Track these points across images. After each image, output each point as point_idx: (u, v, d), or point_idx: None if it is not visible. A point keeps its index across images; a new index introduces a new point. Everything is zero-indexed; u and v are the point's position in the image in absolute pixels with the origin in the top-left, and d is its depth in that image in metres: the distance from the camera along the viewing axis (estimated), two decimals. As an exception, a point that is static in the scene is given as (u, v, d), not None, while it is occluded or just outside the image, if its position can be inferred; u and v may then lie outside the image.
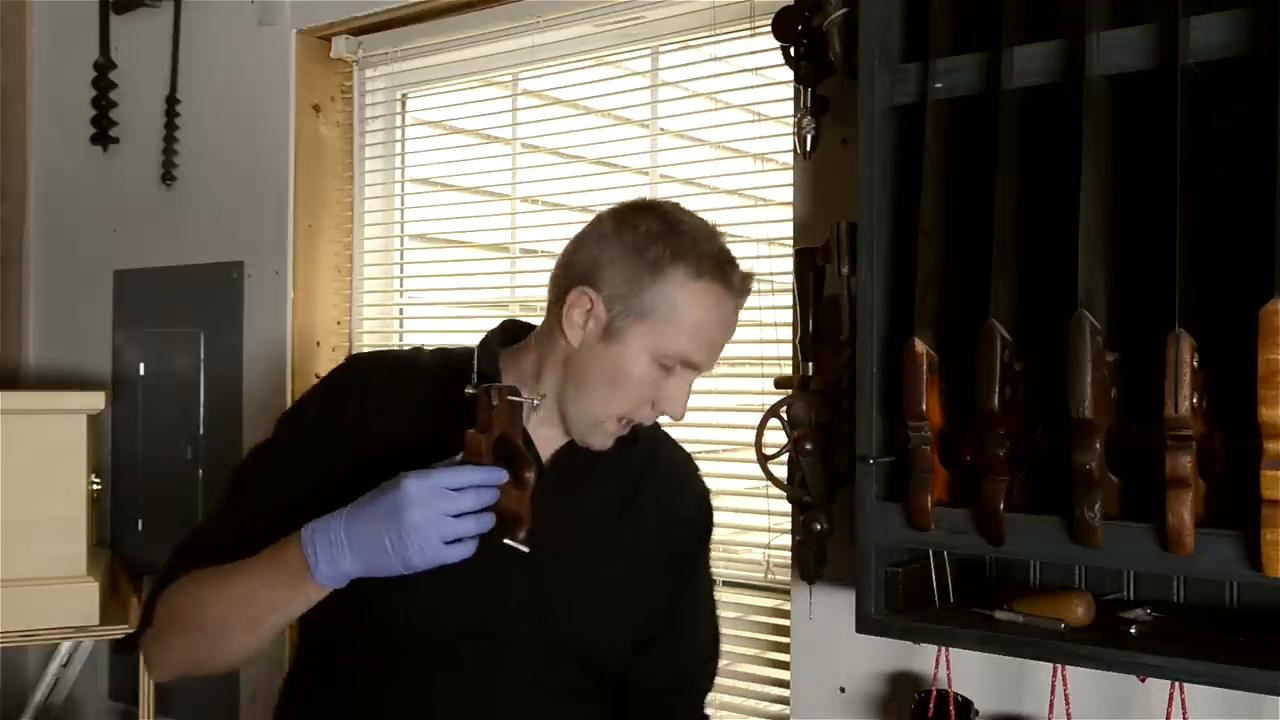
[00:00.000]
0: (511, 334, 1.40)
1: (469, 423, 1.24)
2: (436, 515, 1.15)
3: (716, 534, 1.55)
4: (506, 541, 1.23)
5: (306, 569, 1.18)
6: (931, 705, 1.54)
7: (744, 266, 1.32)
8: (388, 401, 1.33)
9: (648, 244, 1.26)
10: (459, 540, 1.17)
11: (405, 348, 1.44)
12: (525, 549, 1.22)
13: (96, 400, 2.28)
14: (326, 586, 1.19)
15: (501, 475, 1.20)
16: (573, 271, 1.29)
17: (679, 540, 1.44)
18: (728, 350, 1.94)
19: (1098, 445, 1.20)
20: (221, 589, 1.24)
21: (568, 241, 1.35)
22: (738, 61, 1.94)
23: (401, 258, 2.48)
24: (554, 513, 1.28)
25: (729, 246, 1.31)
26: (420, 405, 1.33)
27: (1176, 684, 1.34)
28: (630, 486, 1.40)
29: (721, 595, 1.95)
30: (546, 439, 1.34)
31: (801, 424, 1.57)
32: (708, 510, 1.50)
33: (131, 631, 1.35)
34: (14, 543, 2.15)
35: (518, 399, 1.24)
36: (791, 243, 1.78)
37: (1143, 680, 1.41)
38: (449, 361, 1.37)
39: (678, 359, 1.27)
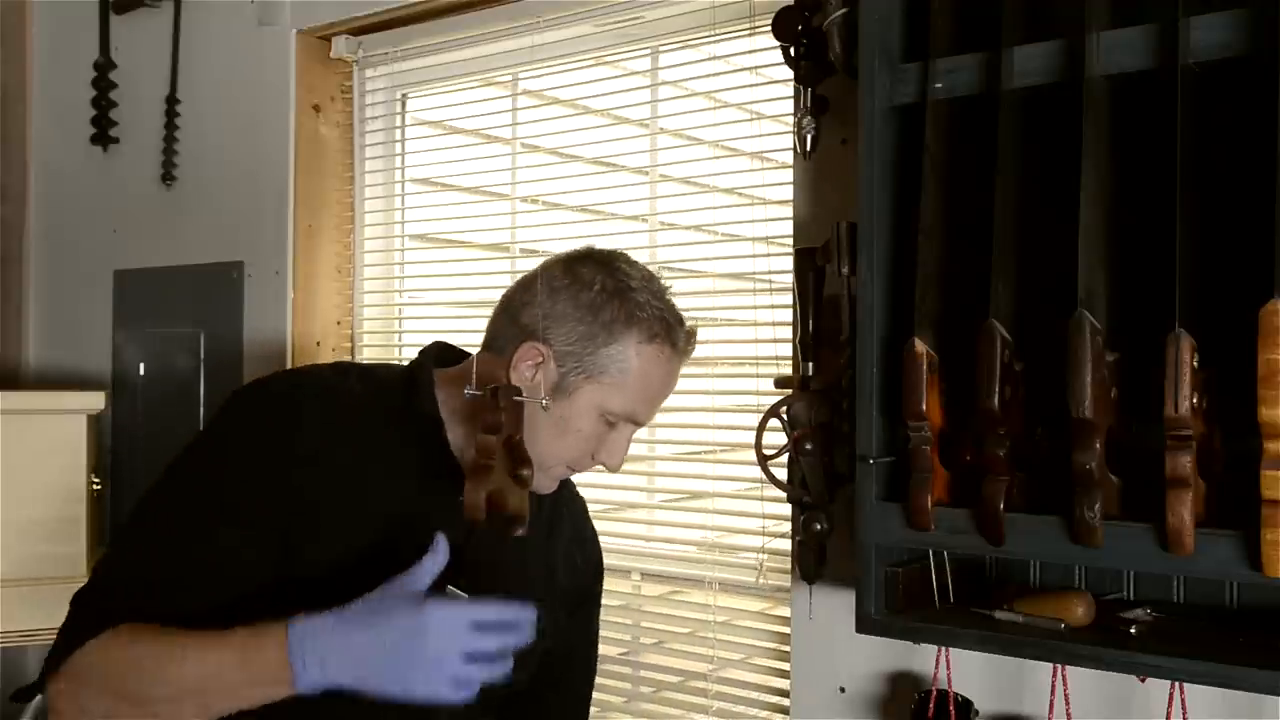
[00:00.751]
0: (443, 359, 1.38)
1: (434, 453, 1.25)
2: (456, 652, 1.11)
3: (714, 535, 1.57)
4: (449, 588, 1.23)
5: (288, 671, 1.10)
6: (931, 705, 1.54)
7: (688, 323, 1.35)
8: (338, 433, 1.27)
9: (602, 304, 1.28)
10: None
11: (324, 365, 1.39)
12: (465, 596, 1.22)
13: (96, 400, 2.29)
14: (302, 693, 1.11)
15: (531, 614, 1.17)
16: (523, 323, 1.29)
17: (583, 584, 1.50)
18: (728, 350, 1.96)
19: (1098, 445, 1.20)
20: (170, 666, 1.13)
21: (512, 286, 1.35)
22: (737, 61, 1.94)
23: (402, 258, 2.48)
24: (489, 558, 1.30)
25: (677, 306, 1.34)
26: (375, 436, 1.28)
27: (1176, 684, 1.34)
28: (546, 529, 1.43)
29: (721, 597, 1.95)
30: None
31: (801, 424, 1.57)
32: (600, 553, 1.55)
33: (31, 683, 1.21)
34: (14, 543, 2.15)
35: (523, 399, 1.25)
36: (791, 243, 1.78)
37: (1143, 680, 1.41)
38: (393, 386, 1.33)
39: (623, 416, 1.31)
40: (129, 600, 1.19)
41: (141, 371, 2.72)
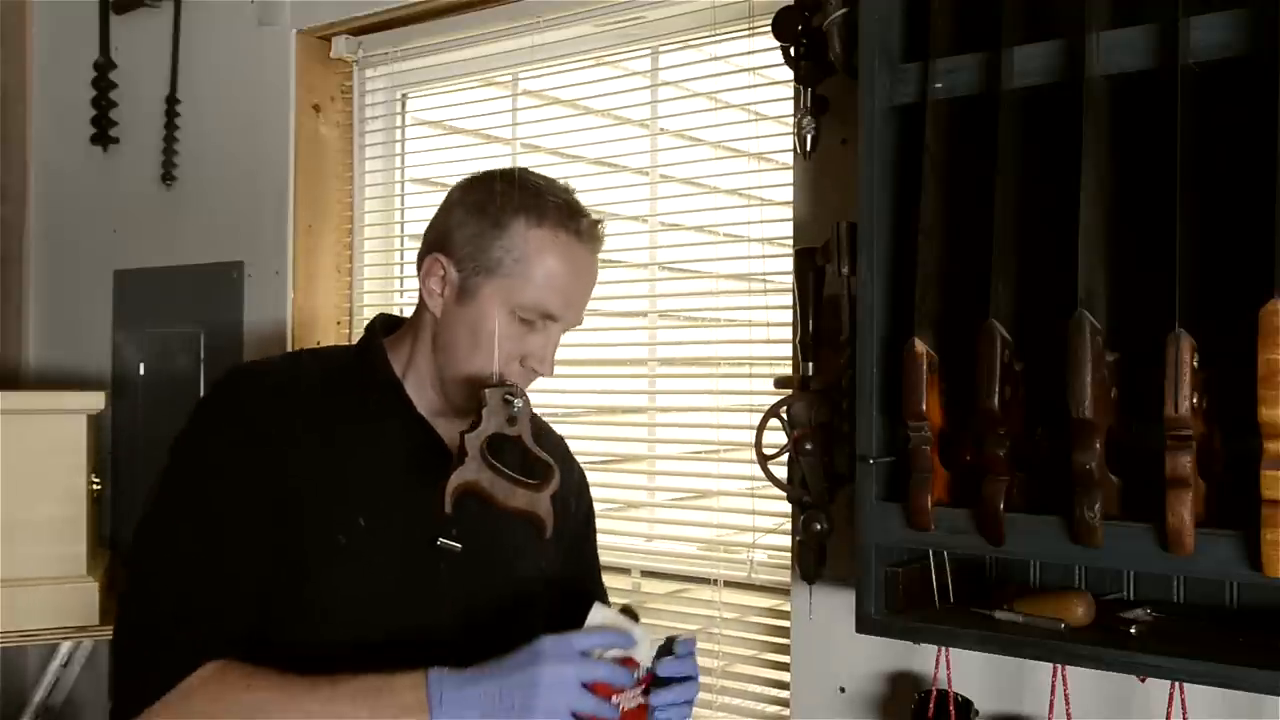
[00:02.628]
0: (389, 326, 1.43)
1: (404, 417, 1.29)
2: (569, 678, 1.16)
3: (715, 534, 1.56)
4: (441, 541, 1.27)
5: (425, 712, 1.15)
6: (931, 705, 1.54)
7: (594, 215, 1.34)
8: (300, 419, 1.28)
9: (490, 201, 1.29)
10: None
11: (275, 357, 1.46)
12: (458, 546, 1.26)
13: (96, 400, 2.28)
14: None
15: (631, 676, 1.21)
16: (427, 242, 1.34)
17: (579, 523, 1.51)
18: (728, 350, 1.97)
19: (1098, 445, 1.20)
20: (298, 710, 1.16)
21: None
22: (737, 61, 1.94)
23: (401, 258, 2.48)
24: (482, 511, 1.28)
25: (580, 201, 1.33)
26: (334, 416, 1.31)
27: (1176, 684, 1.34)
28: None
29: (721, 595, 1.95)
30: (453, 430, 1.33)
31: (801, 424, 1.57)
32: (588, 488, 1.56)
33: None
34: (14, 543, 2.15)
35: (512, 399, 1.25)
36: (791, 243, 1.78)
37: (1143, 680, 1.41)
38: (340, 363, 1.37)
39: (534, 311, 1.28)
40: (188, 634, 1.19)
41: (141, 371, 2.71)
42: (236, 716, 1.16)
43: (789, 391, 1.62)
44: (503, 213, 1.28)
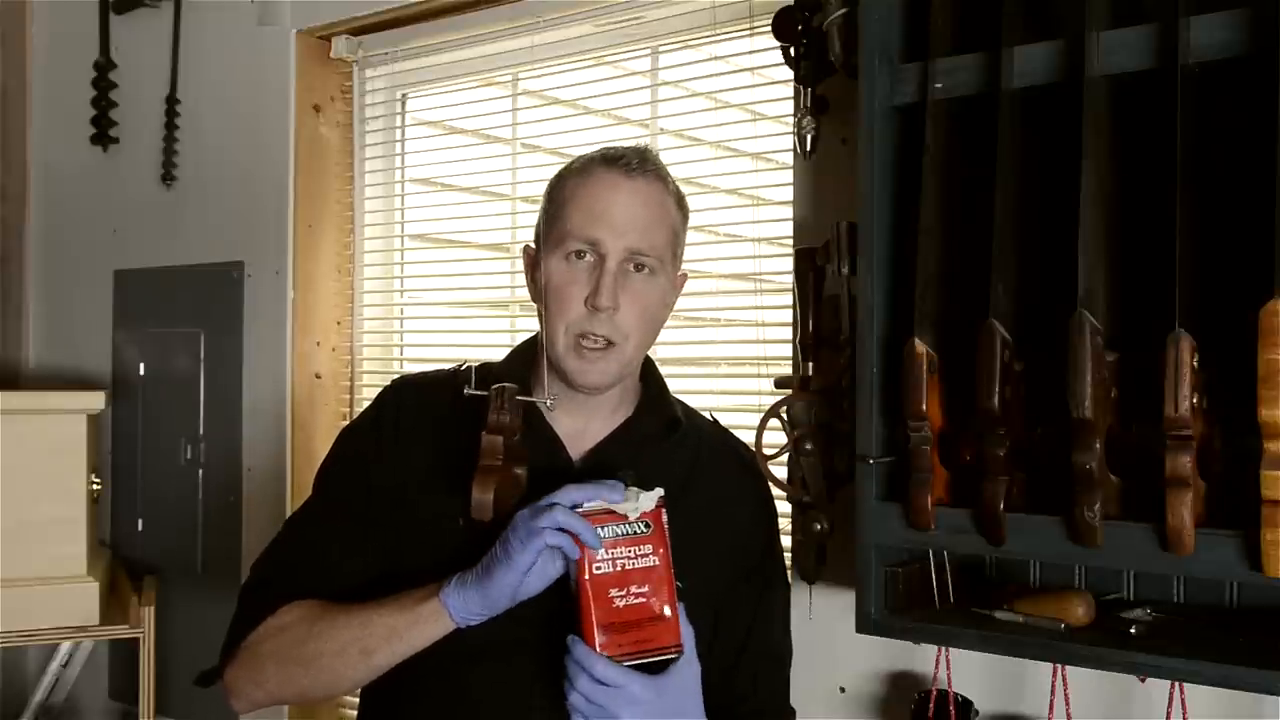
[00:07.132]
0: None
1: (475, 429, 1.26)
2: (538, 505, 1.18)
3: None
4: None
5: (439, 601, 1.21)
6: (931, 705, 1.54)
7: (642, 151, 1.33)
8: (415, 421, 1.35)
9: (552, 180, 1.35)
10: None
11: (448, 366, 1.44)
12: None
13: (96, 400, 2.28)
14: (445, 607, 1.21)
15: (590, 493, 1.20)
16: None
17: (741, 554, 1.38)
18: (728, 350, 1.96)
19: (1098, 445, 1.20)
20: (334, 625, 1.26)
21: None
22: (737, 61, 1.94)
23: (402, 258, 2.48)
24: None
25: (638, 151, 1.32)
26: (445, 423, 1.34)
27: (1176, 684, 1.34)
28: (677, 487, 1.33)
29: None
30: (573, 432, 1.34)
31: (801, 424, 1.57)
32: (766, 511, 1.45)
33: (211, 668, 1.37)
34: (14, 543, 2.15)
35: (528, 399, 1.26)
36: (791, 243, 1.78)
37: (1143, 680, 1.41)
38: (491, 368, 1.38)
39: (580, 241, 1.27)
40: (282, 591, 1.32)
41: (141, 371, 2.71)
42: (287, 641, 1.28)
43: (789, 391, 1.62)
44: (554, 183, 1.34)
